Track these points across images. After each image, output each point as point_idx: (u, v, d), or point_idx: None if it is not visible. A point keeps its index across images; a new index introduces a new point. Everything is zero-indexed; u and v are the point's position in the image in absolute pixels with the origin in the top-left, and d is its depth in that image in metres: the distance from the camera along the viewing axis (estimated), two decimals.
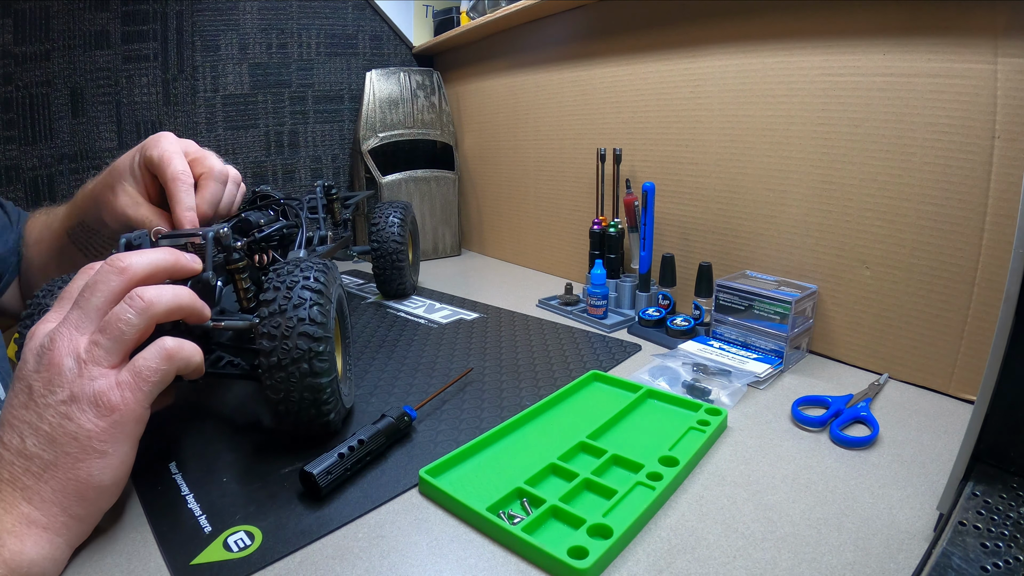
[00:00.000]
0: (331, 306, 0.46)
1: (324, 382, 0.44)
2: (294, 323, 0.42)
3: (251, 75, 1.09)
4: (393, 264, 0.86)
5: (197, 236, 0.47)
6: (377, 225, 0.86)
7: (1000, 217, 0.50)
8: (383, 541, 0.38)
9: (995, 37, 0.48)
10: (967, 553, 0.31)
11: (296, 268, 0.46)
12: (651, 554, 0.36)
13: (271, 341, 0.42)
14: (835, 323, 0.64)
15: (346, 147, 1.23)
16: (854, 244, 0.61)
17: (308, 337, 0.43)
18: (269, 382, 0.43)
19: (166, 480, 0.44)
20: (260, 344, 0.42)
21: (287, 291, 0.44)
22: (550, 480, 0.44)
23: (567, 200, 0.99)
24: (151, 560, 0.36)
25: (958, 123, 0.52)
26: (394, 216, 0.87)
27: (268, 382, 0.43)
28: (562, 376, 0.61)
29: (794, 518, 0.39)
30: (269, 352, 0.42)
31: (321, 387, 0.44)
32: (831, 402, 0.52)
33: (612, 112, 0.87)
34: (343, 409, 0.49)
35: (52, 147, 0.92)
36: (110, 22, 0.94)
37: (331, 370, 0.45)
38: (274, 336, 0.42)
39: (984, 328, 0.52)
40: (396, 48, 1.25)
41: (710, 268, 0.71)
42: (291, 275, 0.45)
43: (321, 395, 0.44)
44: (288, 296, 0.43)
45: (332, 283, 0.48)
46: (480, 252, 1.26)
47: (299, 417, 0.45)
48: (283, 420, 0.45)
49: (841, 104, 0.59)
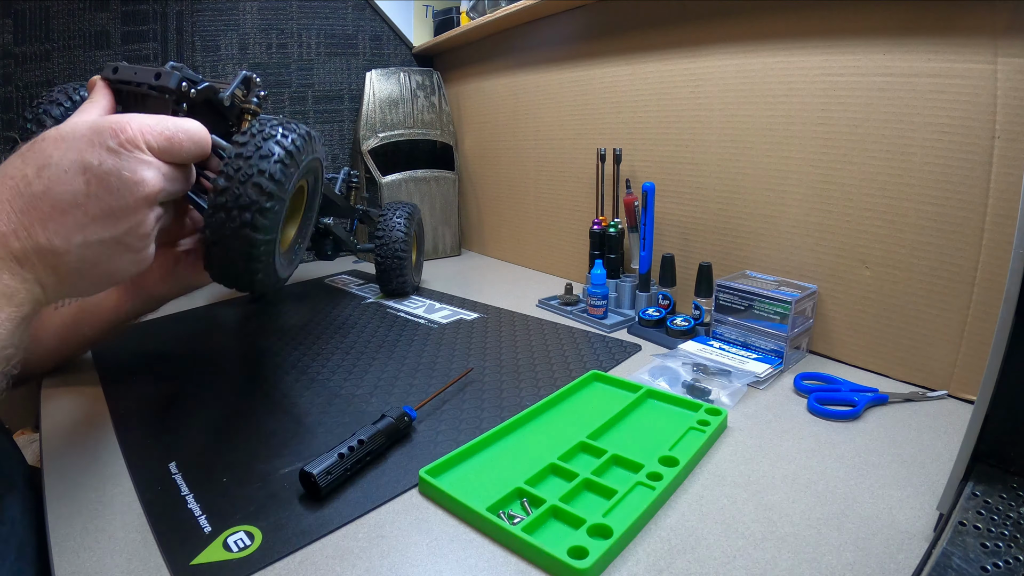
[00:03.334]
0: (296, 171, 0.45)
1: (259, 238, 0.43)
2: (253, 173, 0.42)
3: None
4: (395, 255, 0.87)
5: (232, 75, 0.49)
6: (384, 218, 0.88)
7: (1000, 217, 0.50)
8: (383, 541, 0.38)
9: (995, 37, 0.48)
10: (967, 553, 0.31)
11: (279, 124, 0.45)
12: (651, 554, 0.36)
13: (227, 181, 0.42)
14: (835, 323, 0.64)
15: (346, 147, 1.23)
16: (854, 244, 0.61)
17: (259, 189, 0.42)
18: (209, 220, 0.43)
19: (166, 480, 0.44)
20: (215, 181, 0.42)
21: (261, 140, 0.43)
22: (550, 480, 0.44)
23: (567, 200, 0.99)
24: (151, 560, 0.36)
25: (958, 123, 0.52)
26: (401, 211, 0.89)
27: (208, 220, 0.43)
28: (562, 376, 0.61)
29: (794, 518, 0.39)
30: (220, 191, 0.42)
31: (255, 242, 0.43)
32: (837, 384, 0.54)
33: (612, 112, 0.87)
34: (275, 277, 0.49)
35: None
36: (110, 22, 0.93)
37: (271, 230, 0.44)
38: (230, 177, 0.42)
39: (984, 328, 0.52)
40: (396, 48, 1.25)
41: (710, 268, 0.71)
42: (269, 124, 0.45)
43: (253, 251, 0.43)
44: (259, 145, 0.43)
45: (308, 152, 0.47)
46: (480, 252, 1.26)
47: (225, 266, 0.44)
48: (211, 263, 0.45)
49: (841, 104, 0.59)
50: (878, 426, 0.50)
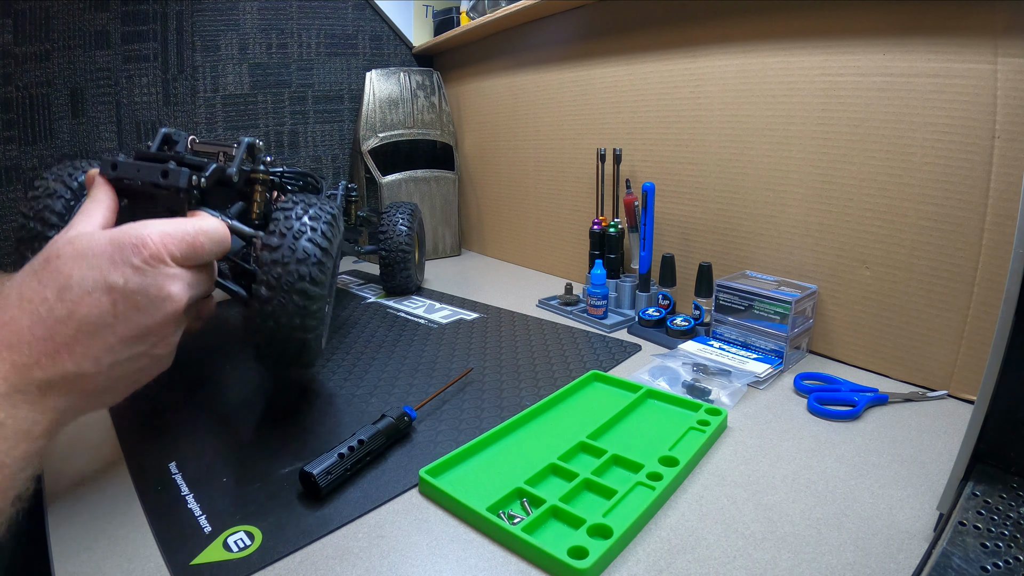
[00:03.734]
0: (331, 262, 0.47)
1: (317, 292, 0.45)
2: (306, 229, 0.44)
3: (251, 75, 1.09)
4: (400, 248, 0.87)
5: (230, 146, 0.50)
6: (386, 216, 0.89)
7: (1000, 217, 0.50)
8: (383, 541, 0.38)
9: (995, 37, 0.48)
10: (967, 553, 0.31)
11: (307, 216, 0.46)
12: (651, 554, 0.36)
13: (281, 239, 0.44)
14: (835, 323, 0.64)
15: (346, 147, 1.23)
16: (854, 244, 0.61)
17: (316, 245, 0.45)
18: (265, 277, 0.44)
19: (166, 480, 0.44)
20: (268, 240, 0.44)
21: (305, 206, 0.46)
22: (550, 480, 0.44)
23: (567, 200, 0.99)
24: (151, 560, 0.36)
25: (958, 123, 0.52)
26: (404, 208, 0.90)
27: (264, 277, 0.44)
28: (562, 376, 0.61)
29: (794, 518, 0.39)
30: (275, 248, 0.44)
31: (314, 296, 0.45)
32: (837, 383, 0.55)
33: (612, 112, 0.87)
34: (320, 348, 0.50)
35: (52, 147, 0.92)
36: (110, 22, 0.93)
37: (325, 286, 0.46)
38: (284, 235, 0.44)
39: (984, 328, 0.52)
40: (396, 48, 1.25)
41: (710, 268, 0.71)
42: (308, 199, 0.47)
43: (311, 304, 0.45)
44: (305, 209, 0.45)
45: (336, 234, 0.49)
46: (480, 252, 1.26)
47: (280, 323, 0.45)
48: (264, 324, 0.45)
49: (841, 104, 0.59)
50: (878, 426, 0.50)
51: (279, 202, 0.46)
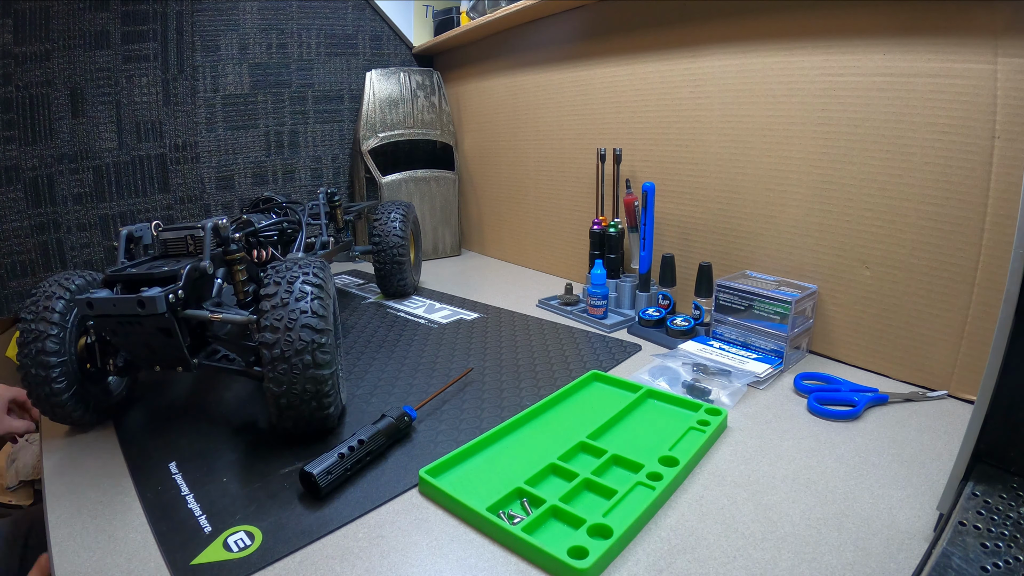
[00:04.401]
0: (331, 301, 0.46)
1: (326, 374, 0.44)
2: (296, 315, 0.43)
3: (251, 75, 1.09)
4: (394, 259, 0.87)
5: (197, 228, 0.49)
6: (379, 223, 0.88)
7: (1000, 217, 0.50)
8: (383, 541, 0.38)
9: (995, 37, 0.48)
10: (967, 553, 0.31)
11: (295, 265, 0.46)
12: (651, 554, 0.36)
13: (274, 333, 0.42)
14: (835, 323, 0.64)
15: (346, 147, 1.23)
16: (854, 244, 0.61)
17: (311, 329, 0.43)
18: (272, 375, 0.43)
19: (166, 480, 0.44)
20: (262, 337, 0.43)
21: (288, 285, 0.44)
22: (550, 480, 0.44)
23: (567, 200, 0.99)
24: (151, 560, 0.36)
25: (958, 123, 0.52)
26: (396, 214, 0.88)
27: (271, 375, 0.43)
28: (562, 376, 0.61)
29: (794, 518, 0.39)
30: (272, 344, 0.42)
31: (323, 379, 0.44)
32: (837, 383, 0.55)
33: (612, 112, 0.87)
34: (341, 405, 0.49)
35: (52, 147, 0.92)
36: (110, 22, 0.93)
37: (332, 362, 0.45)
38: (277, 328, 0.43)
39: (984, 328, 0.52)
40: (396, 48, 1.25)
41: (710, 268, 0.71)
42: (290, 271, 0.45)
43: (323, 387, 0.44)
44: (289, 290, 0.44)
45: (329, 280, 0.48)
46: (480, 252, 1.26)
47: (300, 411, 0.45)
48: (284, 414, 0.45)
49: (841, 104, 0.59)
50: (878, 426, 0.50)
51: (261, 288, 0.45)
